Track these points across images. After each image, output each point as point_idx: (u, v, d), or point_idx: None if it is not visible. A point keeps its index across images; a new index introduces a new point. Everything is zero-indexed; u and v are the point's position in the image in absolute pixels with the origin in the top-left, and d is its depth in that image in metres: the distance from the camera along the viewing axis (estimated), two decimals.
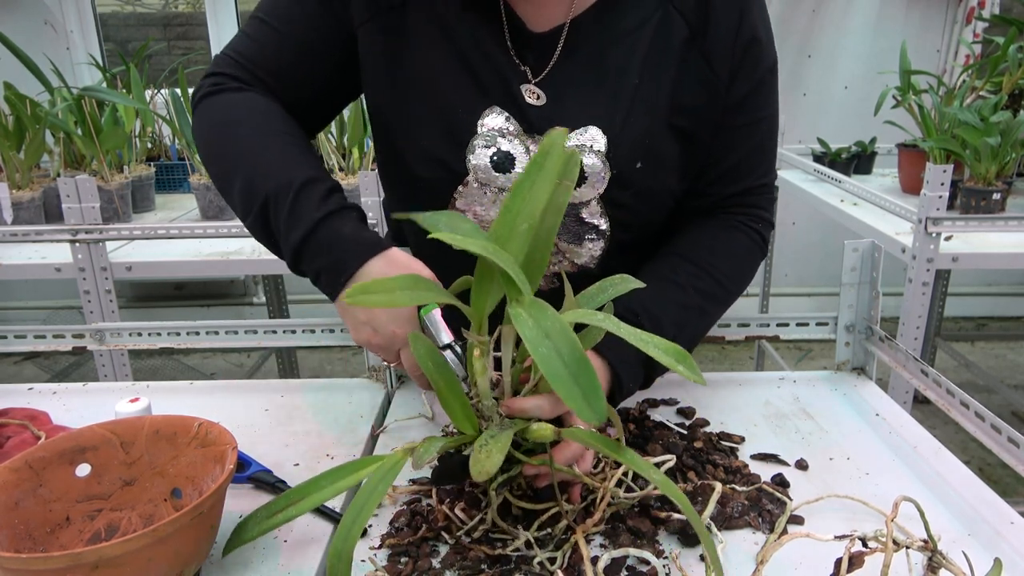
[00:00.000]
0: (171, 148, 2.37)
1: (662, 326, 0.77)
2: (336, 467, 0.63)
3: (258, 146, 0.78)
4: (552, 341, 0.54)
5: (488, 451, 0.59)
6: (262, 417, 0.91)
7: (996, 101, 1.78)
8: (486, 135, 0.80)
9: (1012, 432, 0.72)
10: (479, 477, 0.57)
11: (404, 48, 0.81)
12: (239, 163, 0.78)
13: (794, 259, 3.34)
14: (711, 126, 0.83)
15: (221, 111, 0.81)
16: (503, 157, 0.80)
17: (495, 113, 0.80)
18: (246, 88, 0.83)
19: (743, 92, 0.82)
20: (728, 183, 0.87)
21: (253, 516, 0.63)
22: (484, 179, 0.81)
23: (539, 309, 0.56)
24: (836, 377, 0.99)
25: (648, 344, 0.57)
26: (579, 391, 0.53)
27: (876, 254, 0.94)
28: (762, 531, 0.68)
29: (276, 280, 2.62)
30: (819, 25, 3.10)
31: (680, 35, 0.80)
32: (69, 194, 1.54)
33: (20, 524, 0.62)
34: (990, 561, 0.60)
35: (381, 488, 0.59)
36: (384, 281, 0.60)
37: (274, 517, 0.62)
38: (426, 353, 0.64)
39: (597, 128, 0.80)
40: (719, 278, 0.83)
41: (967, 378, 2.78)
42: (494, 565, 0.63)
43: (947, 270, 2.62)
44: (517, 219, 0.61)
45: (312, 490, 0.62)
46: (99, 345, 1.04)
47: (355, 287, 0.58)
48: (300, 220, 0.73)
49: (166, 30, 3.40)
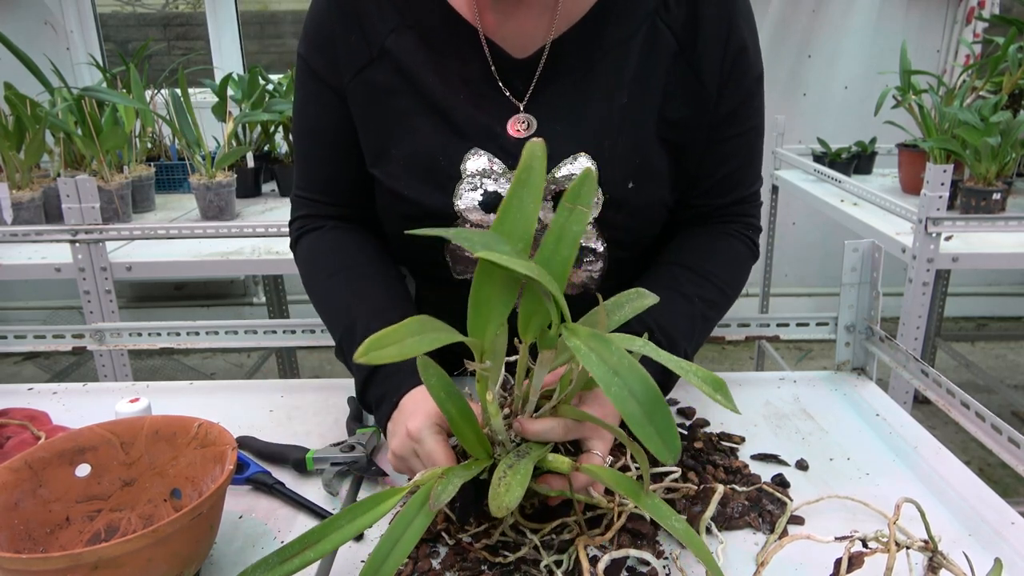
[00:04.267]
0: (171, 148, 2.37)
1: (676, 341, 0.78)
2: (353, 504, 0.59)
3: (330, 290, 0.84)
4: (623, 379, 0.52)
5: (507, 484, 0.57)
6: (262, 417, 0.91)
7: (996, 101, 1.78)
8: (470, 179, 0.79)
9: (1012, 432, 0.72)
10: (498, 512, 0.55)
11: (380, 102, 0.81)
12: (321, 311, 0.85)
13: (794, 259, 3.34)
14: (700, 138, 0.82)
15: (302, 263, 0.89)
16: (491, 197, 0.79)
17: (476, 155, 0.79)
18: (320, 225, 0.88)
19: (733, 104, 0.81)
20: (719, 195, 0.87)
21: (264, 562, 0.55)
22: (476, 220, 0.81)
23: (601, 343, 0.54)
24: (836, 377, 0.99)
25: (688, 372, 0.55)
26: (655, 431, 0.51)
27: (876, 254, 0.94)
28: (762, 531, 0.68)
29: (276, 280, 2.62)
30: (819, 25, 3.10)
31: (669, 49, 0.79)
32: (69, 194, 1.54)
33: (20, 524, 0.62)
34: (990, 561, 0.60)
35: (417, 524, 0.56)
36: (392, 333, 0.55)
37: (288, 562, 0.55)
38: (438, 383, 0.62)
39: (586, 155, 0.79)
40: (720, 286, 0.84)
41: (967, 378, 2.78)
42: (494, 567, 0.63)
43: (947, 270, 2.63)
44: (510, 240, 0.59)
45: (330, 531, 0.57)
46: (99, 345, 1.04)
47: (367, 343, 0.53)
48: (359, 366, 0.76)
49: (166, 30, 3.40)
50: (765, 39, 3.10)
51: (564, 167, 0.79)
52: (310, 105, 0.85)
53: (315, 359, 3.17)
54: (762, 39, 3.33)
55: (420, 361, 0.61)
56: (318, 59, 0.83)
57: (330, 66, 0.82)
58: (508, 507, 0.55)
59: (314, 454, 0.78)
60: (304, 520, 0.71)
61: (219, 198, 1.91)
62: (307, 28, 0.84)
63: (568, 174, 0.79)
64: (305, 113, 0.86)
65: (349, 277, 0.84)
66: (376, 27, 0.80)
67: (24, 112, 1.85)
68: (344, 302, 0.82)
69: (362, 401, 0.79)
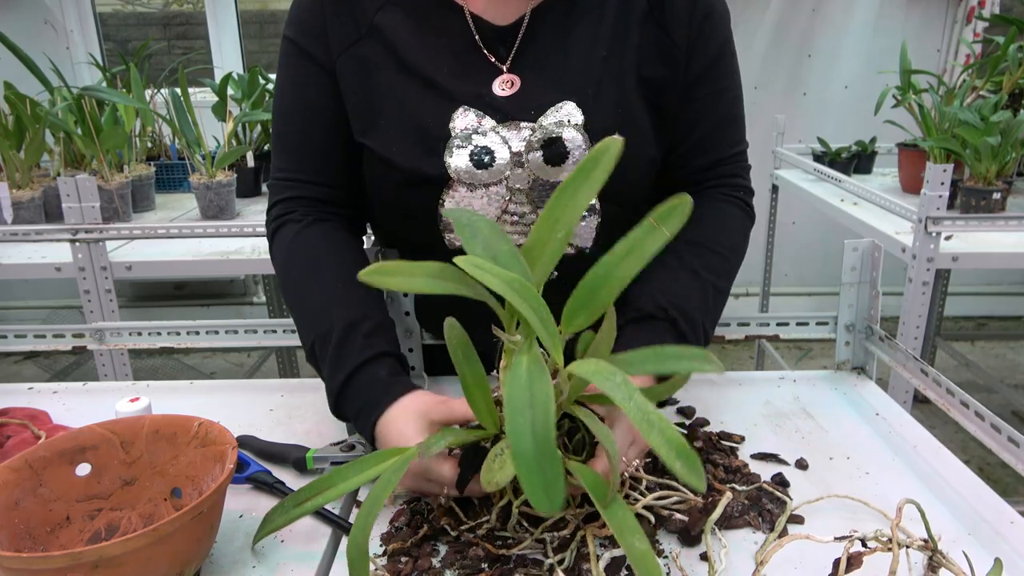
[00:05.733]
0: (171, 148, 2.37)
1: (692, 317, 0.79)
2: (360, 458, 0.63)
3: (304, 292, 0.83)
4: (533, 412, 0.48)
5: (502, 462, 0.57)
6: (262, 417, 0.91)
7: (996, 101, 1.78)
8: (460, 136, 0.81)
9: (1012, 432, 0.72)
10: (489, 487, 0.55)
11: (369, 76, 0.84)
12: (293, 309, 0.84)
13: (794, 259, 3.34)
14: (675, 98, 0.85)
15: (279, 258, 0.88)
16: (480, 152, 0.81)
17: (464, 113, 0.81)
18: (300, 218, 0.87)
19: (703, 63, 0.85)
20: (699, 155, 0.89)
21: (281, 505, 0.62)
22: (468, 180, 0.82)
23: (539, 372, 0.51)
24: (836, 377, 0.99)
25: (652, 429, 0.50)
26: (541, 479, 0.47)
27: (876, 253, 0.94)
28: (762, 531, 0.68)
29: (276, 280, 2.62)
30: (819, 25, 3.10)
31: (640, 10, 0.83)
32: (69, 193, 1.54)
33: (20, 524, 0.62)
34: (990, 561, 0.60)
35: (394, 479, 0.58)
36: (407, 266, 0.57)
37: (303, 505, 0.61)
38: (457, 344, 0.62)
39: (572, 103, 0.81)
40: (721, 251, 0.85)
41: (967, 378, 2.78)
42: (494, 564, 0.63)
43: (947, 270, 2.62)
44: (556, 226, 0.59)
45: (339, 480, 0.61)
46: (99, 345, 1.04)
47: (376, 267, 0.56)
48: (338, 368, 0.77)
49: (166, 30, 3.40)
50: (765, 39, 3.10)
51: (550, 115, 0.82)
52: (298, 86, 0.87)
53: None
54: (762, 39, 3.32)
55: (447, 322, 0.62)
56: (308, 40, 0.85)
57: (321, 46, 0.85)
58: (498, 484, 0.56)
59: (314, 453, 0.78)
60: (304, 519, 0.71)
61: (219, 198, 1.91)
62: (295, 11, 0.87)
63: (555, 121, 0.81)
64: (292, 94, 0.87)
65: (325, 280, 0.83)
66: (365, 5, 0.84)
67: (24, 111, 1.85)
68: (320, 306, 0.81)
69: (337, 412, 0.79)
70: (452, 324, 0.63)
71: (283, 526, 0.62)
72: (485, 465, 0.57)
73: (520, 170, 0.82)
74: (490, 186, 0.82)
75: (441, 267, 0.58)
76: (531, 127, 0.81)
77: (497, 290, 0.54)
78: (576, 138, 0.81)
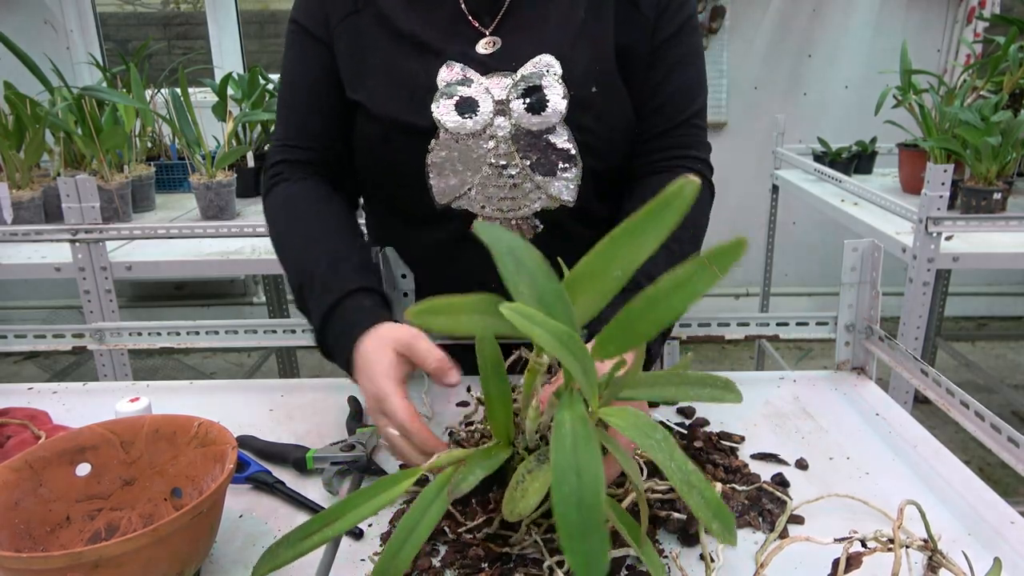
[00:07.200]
0: (171, 148, 2.37)
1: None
2: (370, 485, 0.60)
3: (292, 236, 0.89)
4: (581, 483, 0.46)
5: (524, 490, 0.56)
6: (262, 417, 0.91)
7: (997, 101, 1.78)
8: (446, 89, 0.87)
9: (1012, 432, 0.72)
10: (511, 517, 0.55)
11: (362, 38, 0.91)
12: (282, 253, 0.89)
13: (794, 259, 3.34)
14: (643, 66, 0.91)
15: (270, 208, 0.93)
16: (464, 102, 0.87)
17: (450, 67, 0.87)
18: (294, 177, 0.94)
19: (667, 33, 0.91)
20: (660, 120, 0.93)
21: (286, 539, 0.57)
22: (454, 129, 0.87)
23: (586, 439, 0.48)
24: (836, 377, 0.99)
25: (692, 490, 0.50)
26: (584, 550, 0.45)
27: (876, 254, 0.94)
28: (762, 531, 0.68)
29: (276, 280, 2.62)
30: (819, 25, 3.10)
31: None
32: (69, 194, 1.54)
33: (20, 524, 0.62)
34: (990, 561, 0.60)
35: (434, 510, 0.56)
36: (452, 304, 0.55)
37: (309, 539, 0.56)
38: (489, 358, 0.61)
39: (550, 55, 0.87)
40: (688, 226, 0.87)
41: (967, 378, 2.78)
42: (493, 564, 0.63)
43: (947, 270, 2.63)
44: (612, 264, 0.56)
45: (348, 509, 0.58)
46: (99, 345, 1.04)
47: (423, 306, 0.55)
48: (325, 295, 0.80)
49: (166, 30, 3.40)
50: (765, 39, 3.11)
51: (530, 66, 0.87)
52: (299, 63, 0.95)
53: (315, 359, 3.17)
54: (762, 39, 3.32)
55: (479, 336, 0.61)
56: (309, 18, 0.93)
57: (320, 23, 0.92)
58: (521, 514, 0.55)
59: (314, 453, 0.78)
60: (304, 519, 0.71)
61: (219, 198, 1.91)
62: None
63: (534, 72, 0.87)
64: (294, 70, 0.95)
65: (311, 225, 0.89)
66: None
67: (24, 111, 1.85)
68: (306, 246, 0.86)
69: (320, 341, 0.81)
70: (485, 339, 0.60)
71: (291, 561, 0.57)
72: (507, 494, 0.56)
73: (503, 119, 0.87)
74: (475, 136, 0.87)
75: (486, 299, 0.55)
76: (512, 77, 0.87)
77: (546, 347, 0.52)
78: (555, 87, 0.86)
